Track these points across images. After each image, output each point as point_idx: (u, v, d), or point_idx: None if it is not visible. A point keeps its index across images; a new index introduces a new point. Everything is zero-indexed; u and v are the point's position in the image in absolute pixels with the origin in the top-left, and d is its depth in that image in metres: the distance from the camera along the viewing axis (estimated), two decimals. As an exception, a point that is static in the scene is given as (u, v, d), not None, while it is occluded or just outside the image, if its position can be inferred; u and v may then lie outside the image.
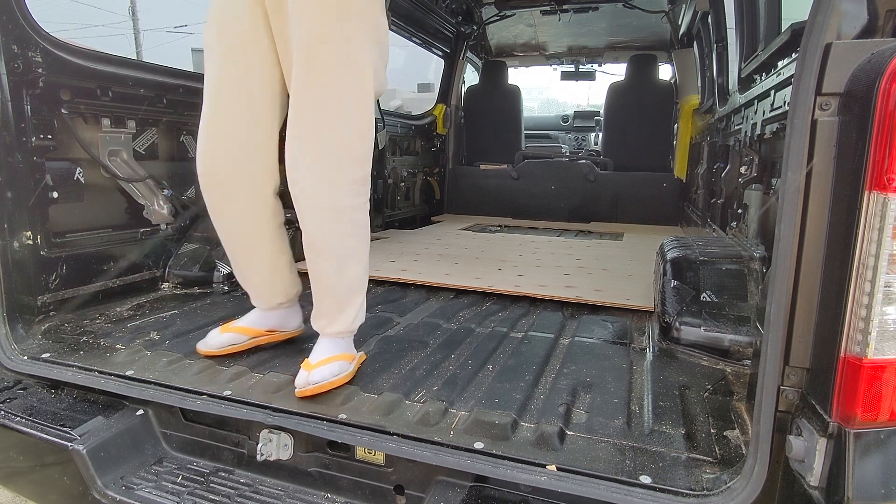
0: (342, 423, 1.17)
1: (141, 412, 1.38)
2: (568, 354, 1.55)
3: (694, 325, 1.53)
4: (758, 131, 1.93)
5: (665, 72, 4.87)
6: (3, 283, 1.57)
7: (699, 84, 3.85)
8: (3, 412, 1.40)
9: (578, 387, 1.33)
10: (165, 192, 2.16)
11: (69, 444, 1.26)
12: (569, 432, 1.14)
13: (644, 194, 4.34)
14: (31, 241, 1.67)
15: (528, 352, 1.56)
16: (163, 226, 2.18)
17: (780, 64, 1.80)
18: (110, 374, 1.40)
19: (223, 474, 1.29)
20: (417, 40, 4.26)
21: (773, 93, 1.75)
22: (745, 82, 2.30)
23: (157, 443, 1.37)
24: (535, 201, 4.56)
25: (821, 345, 0.88)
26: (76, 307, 1.83)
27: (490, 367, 1.47)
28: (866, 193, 0.78)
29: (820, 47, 0.83)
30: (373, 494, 1.19)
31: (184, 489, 1.23)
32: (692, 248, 1.76)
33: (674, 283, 1.63)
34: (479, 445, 1.08)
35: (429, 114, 4.66)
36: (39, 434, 1.31)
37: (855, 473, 0.81)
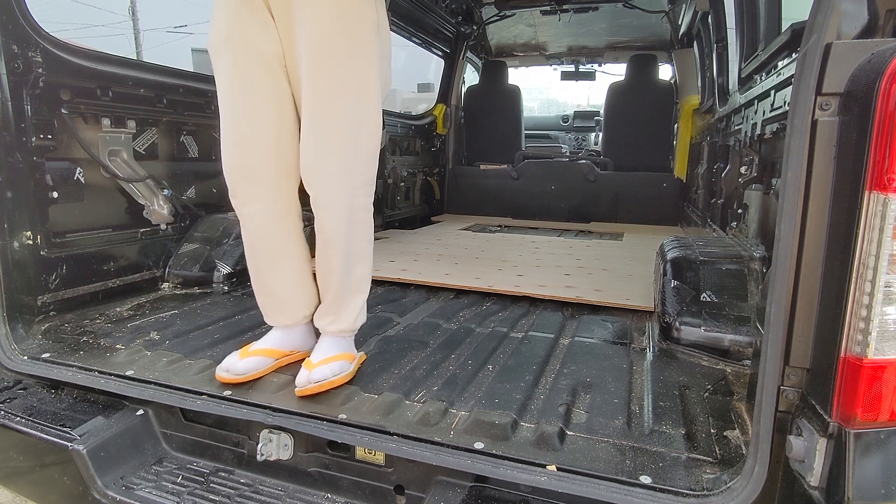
0: (342, 423, 1.17)
1: (141, 412, 1.38)
2: (568, 354, 1.55)
3: (694, 325, 1.53)
4: (758, 131, 1.93)
5: (665, 72, 4.88)
6: (3, 283, 1.57)
7: (699, 84, 3.85)
8: (3, 412, 1.40)
9: (578, 387, 1.33)
10: (165, 192, 2.16)
11: (69, 444, 1.26)
12: (569, 432, 1.14)
13: (644, 194, 4.34)
14: (31, 241, 1.67)
15: (528, 352, 1.56)
16: (163, 226, 2.18)
17: (780, 64, 1.80)
18: (110, 374, 1.40)
19: (223, 474, 1.29)
20: (417, 40, 4.26)
21: (773, 93, 1.75)
22: (745, 82, 2.30)
23: (157, 443, 1.37)
24: (535, 201, 4.56)
25: (821, 345, 0.88)
26: (76, 307, 1.83)
27: (490, 367, 1.47)
28: (866, 193, 0.78)
29: (820, 47, 0.83)
30: (373, 494, 1.19)
31: (184, 489, 1.23)
32: (692, 248, 1.76)
33: (674, 283, 1.63)
34: (479, 445, 1.08)
35: (429, 114, 4.66)
36: (39, 434, 1.31)
37: (855, 473, 0.81)
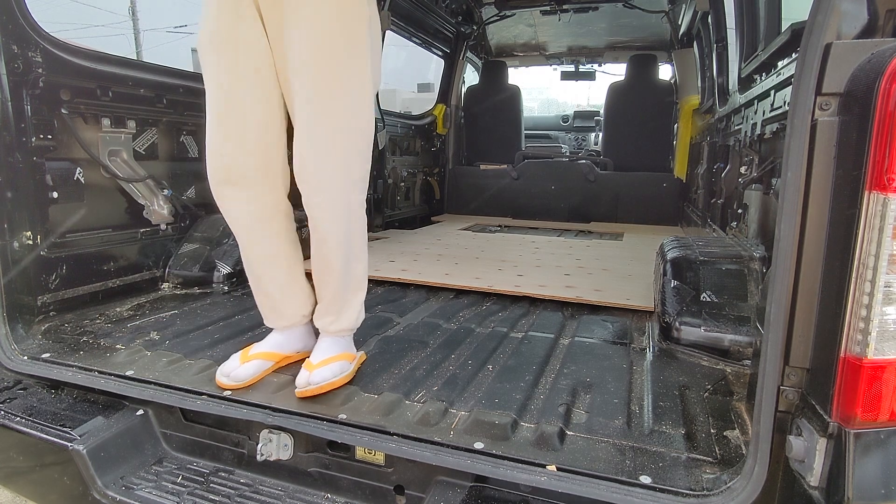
0: (342, 423, 1.17)
1: (141, 412, 1.38)
2: (568, 354, 1.55)
3: (694, 325, 1.53)
4: (758, 131, 1.93)
5: (665, 72, 4.88)
6: (3, 283, 1.57)
7: (699, 84, 3.85)
8: (3, 412, 1.40)
9: (578, 387, 1.33)
10: (165, 192, 2.16)
11: (69, 444, 1.26)
12: (569, 432, 1.14)
13: (644, 194, 4.34)
14: (31, 241, 1.67)
15: (528, 352, 1.56)
16: (163, 226, 2.18)
17: (780, 64, 1.80)
18: (110, 374, 1.40)
19: (223, 474, 1.29)
20: (417, 40, 4.26)
21: (773, 93, 1.75)
22: (745, 82, 2.30)
23: (157, 443, 1.37)
24: (535, 201, 4.56)
25: (821, 345, 0.88)
26: (76, 307, 1.83)
27: (490, 367, 1.47)
28: (866, 193, 0.78)
29: (820, 47, 0.83)
30: (373, 494, 1.19)
31: (184, 489, 1.23)
32: (692, 248, 1.76)
33: (674, 283, 1.63)
34: (479, 445, 1.08)
35: (429, 114, 4.66)
36: (39, 434, 1.31)
37: (855, 473, 0.81)
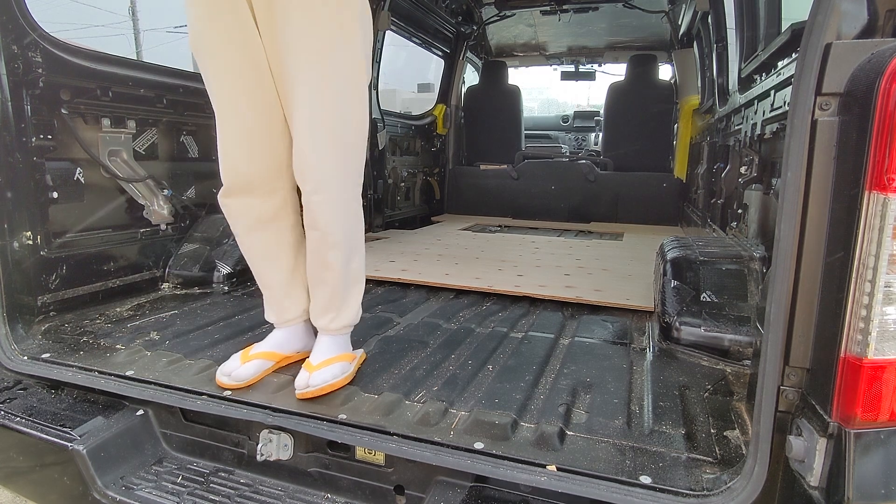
0: (342, 424, 1.17)
1: (141, 412, 1.38)
2: (568, 354, 1.55)
3: (694, 325, 1.53)
4: (758, 131, 1.93)
5: (665, 72, 4.88)
6: (3, 283, 1.57)
7: (699, 84, 3.85)
8: (3, 412, 1.40)
9: (578, 387, 1.33)
10: (165, 192, 2.16)
11: (69, 444, 1.26)
12: (569, 432, 1.14)
13: (644, 194, 4.34)
14: (31, 241, 1.67)
15: (528, 352, 1.56)
16: (163, 226, 2.18)
17: (780, 64, 1.80)
18: (110, 375, 1.40)
19: (223, 474, 1.29)
20: (417, 40, 4.26)
21: (773, 93, 1.75)
22: (745, 82, 2.30)
23: (157, 443, 1.37)
24: (535, 201, 4.56)
25: (821, 345, 0.88)
26: (76, 307, 1.83)
27: (490, 367, 1.47)
28: (866, 193, 0.78)
29: (820, 47, 0.83)
30: (373, 494, 1.19)
31: (184, 489, 1.23)
32: (692, 248, 1.76)
33: (674, 283, 1.63)
34: (479, 445, 1.08)
35: (429, 114, 4.66)
36: (39, 434, 1.31)
37: (855, 473, 0.81)
